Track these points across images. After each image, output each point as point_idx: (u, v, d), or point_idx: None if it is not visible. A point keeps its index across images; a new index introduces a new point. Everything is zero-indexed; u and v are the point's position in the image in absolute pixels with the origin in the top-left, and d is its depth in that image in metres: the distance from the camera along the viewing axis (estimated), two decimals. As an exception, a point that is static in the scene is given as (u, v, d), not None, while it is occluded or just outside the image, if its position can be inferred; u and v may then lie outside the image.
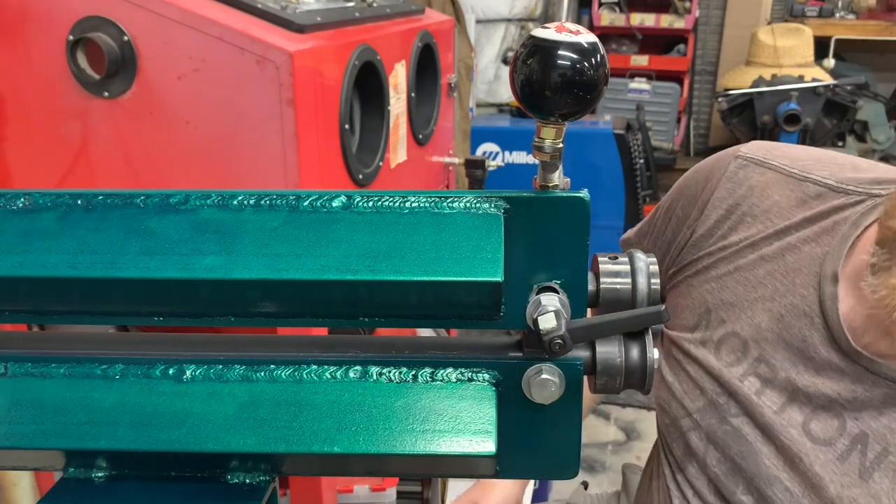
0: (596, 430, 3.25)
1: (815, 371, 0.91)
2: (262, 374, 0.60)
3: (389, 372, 0.60)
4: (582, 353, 0.60)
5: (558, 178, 0.58)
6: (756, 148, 1.03)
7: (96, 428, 0.58)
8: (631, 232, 1.25)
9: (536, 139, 0.56)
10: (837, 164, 0.99)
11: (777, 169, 0.99)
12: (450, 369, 0.60)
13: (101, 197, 0.59)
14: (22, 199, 0.59)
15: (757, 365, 0.96)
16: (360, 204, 0.58)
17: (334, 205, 0.59)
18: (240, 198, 0.59)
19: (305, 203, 0.59)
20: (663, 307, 0.58)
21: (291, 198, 0.59)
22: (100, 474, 0.61)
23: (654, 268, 0.60)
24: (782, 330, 0.94)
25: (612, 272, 0.60)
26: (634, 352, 0.59)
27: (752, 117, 4.81)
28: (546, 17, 5.77)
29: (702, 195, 1.03)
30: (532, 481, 1.52)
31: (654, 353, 0.59)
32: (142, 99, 1.38)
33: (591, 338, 0.59)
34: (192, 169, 1.41)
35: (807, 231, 0.95)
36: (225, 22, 1.33)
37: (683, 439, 1.05)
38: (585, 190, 0.58)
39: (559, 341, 0.56)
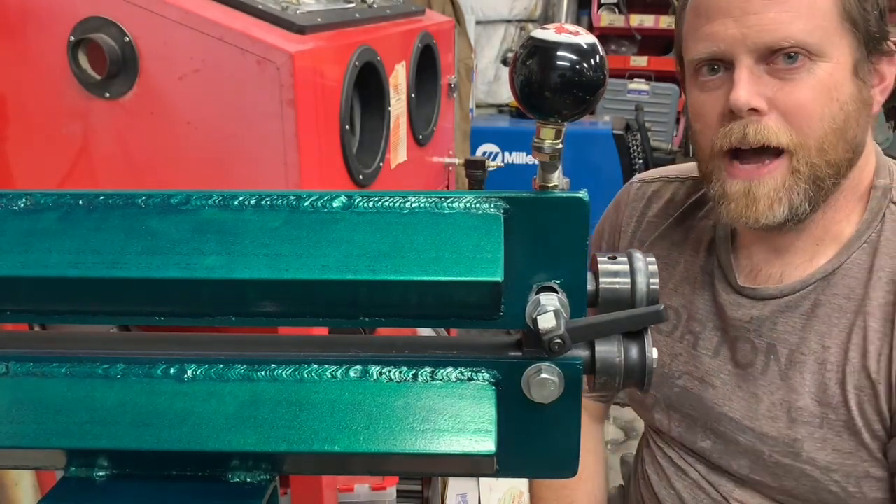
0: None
1: (725, 310, 1.11)
2: (263, 373, 0.60)
3: (389, 371, 0.60)
4: (581, 353, 0.60)
5: (558, 178, 0.58)
6: (645, 173, 1.32)
7: (97, 427, 0.58)
8: None
9: (536, 140, 0.56)
10: None
11: (664, 178, 1.26)
12: (450, 369, 0.60)
13: (102, 197, 0.59)
14: (23, 200, 0.59)
15: (689, 324, 1.16)
16: (361, 204, 0.59)
17: (335, 205, 0.59)
18: (241, 198, 0.59)
19: (306, 203, 0.59)
20: (662, 307, 0.58)
21: (292, 198, 0.59)
22: (101, 473, 0.61)
23: (654, 267, 0.60)
24: (697, 288, 1.15)
25: (612, 272, 0.60)
26: (633, 351, 0.59)
27: (752, 118, 4.79)
28: (546, 18, 5.78)
29: (617, 221, 1.29)
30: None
31: (654, 353, 0.59)
32: (143, 99, 1.38)
33: (591, 337, 0.59)
34: (193, 169, 1.42)
35: (699, 212, 1.19)
36: (226, 23, 1.33)
37: (650, 414, 1.22)
38: (585, 190, 0.58)
39: (558, 341, 0.56)
